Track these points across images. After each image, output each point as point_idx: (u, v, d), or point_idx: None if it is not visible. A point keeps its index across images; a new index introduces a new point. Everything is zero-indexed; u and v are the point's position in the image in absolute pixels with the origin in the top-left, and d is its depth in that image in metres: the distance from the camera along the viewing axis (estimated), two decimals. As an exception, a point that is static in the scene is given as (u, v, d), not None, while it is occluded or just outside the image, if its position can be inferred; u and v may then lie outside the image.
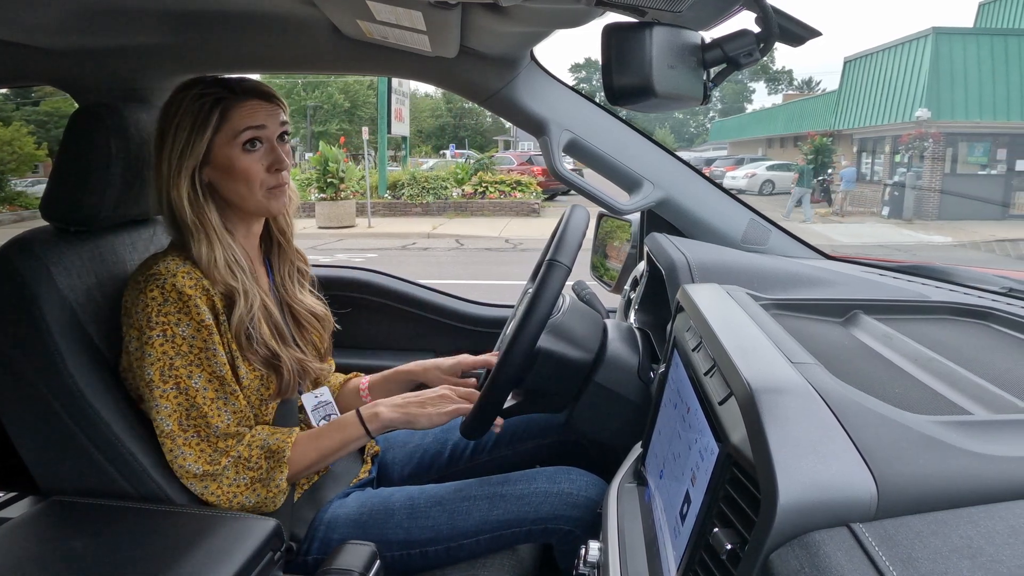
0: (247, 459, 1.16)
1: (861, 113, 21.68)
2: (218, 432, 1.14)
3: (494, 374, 1.14)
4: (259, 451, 1.17)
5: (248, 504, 1.17)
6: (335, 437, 1.24)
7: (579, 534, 1.22)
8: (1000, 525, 0.52)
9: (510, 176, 16.46)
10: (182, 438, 1.13)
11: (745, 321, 0.85)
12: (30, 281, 1.12)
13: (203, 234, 1.18)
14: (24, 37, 1.38)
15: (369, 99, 35.79)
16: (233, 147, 1.18)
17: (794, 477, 0.55)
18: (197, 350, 1.13)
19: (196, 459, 1.14)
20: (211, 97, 1.17)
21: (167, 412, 1.12)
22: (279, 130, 1.22)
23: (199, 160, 1.18)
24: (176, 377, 1.12)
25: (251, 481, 1.16)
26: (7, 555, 1.04)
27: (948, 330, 0.99)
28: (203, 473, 1.14)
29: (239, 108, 1.18)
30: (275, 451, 1.18)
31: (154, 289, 1.12)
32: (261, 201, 1.22)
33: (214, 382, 1.15)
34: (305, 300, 1.39)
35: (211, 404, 1.14)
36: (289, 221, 1.37)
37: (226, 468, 1.15)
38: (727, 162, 30.11)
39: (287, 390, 1.25)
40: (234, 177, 1.19)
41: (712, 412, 0.72)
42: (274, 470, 1.18)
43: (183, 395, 1.13)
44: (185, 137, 1.17)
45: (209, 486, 1.15)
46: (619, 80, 0.96)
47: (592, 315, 1.35)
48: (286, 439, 1.20)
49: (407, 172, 16.31)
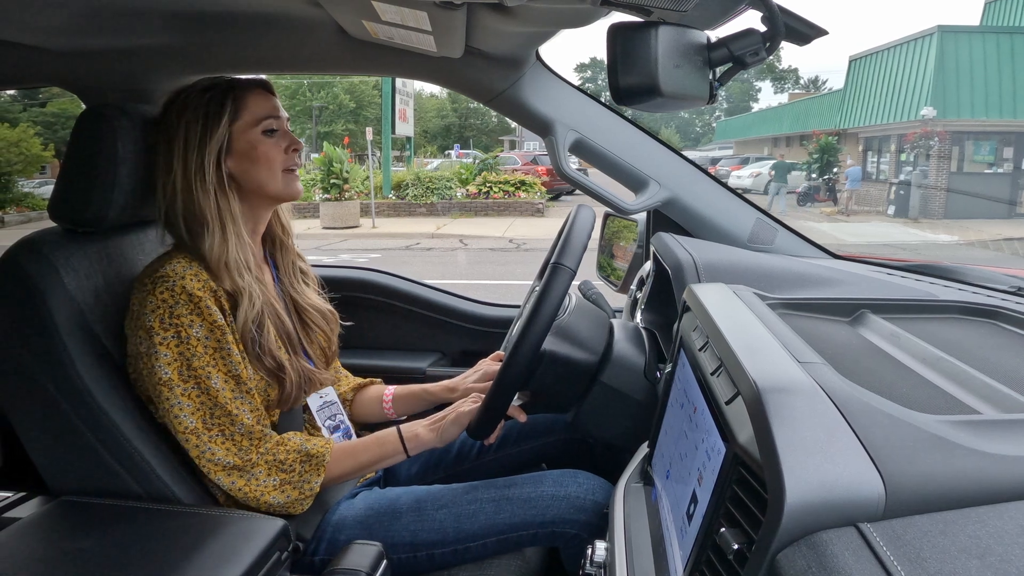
0: (282, 462, 1.17)
1: (866, 112, 21.61)
2: (242, 430, 1.15)
3: (500, 375, 1.14)
4: (296, 455, 1.18)
5: (275, 504, 1.17)
6: (373, 452, 1.25)
7: (586, 537, 1.22)
8: (1009, 525, 0.51)
9: (514, 176, 16.45)
10: (207, 435, 1.13)
11: (752, 321, 0.85)
12: (38, 282, 1.13)
13: (219, 227, 1.18)
14: (31, 38, 1.38)
15: (374, 99, 35.79)
16: (254, 132, 1.21)
17: (801, 477, 0.55)
18: (212, 350, 1.14)
19: (225, 453, 1.14)
20: (219, 88, 1.20)
21: (191, 410, 1.13)
22: (285, 119, 1.27)
23: (221, 148, 1.20)
24: (196, 377, 1.13)
25: (281, 483, 1.17)
26: (17, 555, 1.05)
27: (956, 329, 0.99)
28: (233, 466, 1.14)
29: (251, 95, 1.22)
30: (313, 455, 1.19)
31: (164, 291, 1.12)
32: (281, 183, 1.25)
33: (230, 382, 1.15)
34: (311, 298, 1.39)
35: (232, 403, 1.15)
36: (285, 220, 1.39)
37: (256, 466, 1.15)
38: (732, 161, 30.05)
39: (288, 401, 1.25)
40: (256, 162, 1.22)
41: (719, 412, 0.72)
42: (309, 473, 1.18)
43: (205, 394, 1.13)
44: (200, 130, 1.18)
45: (237, 481, 1.15)
46: (625, 80, 0.96)
47: (598, 315, 1.35)
48: (326, 445, 1.21)
49: (411, 172, 16.32)
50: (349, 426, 1.42)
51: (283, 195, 1.27)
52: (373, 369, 1.60)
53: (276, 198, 1.28)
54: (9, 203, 17.43)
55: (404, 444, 1.25)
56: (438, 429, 1.26)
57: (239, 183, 1.23)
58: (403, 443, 1.25)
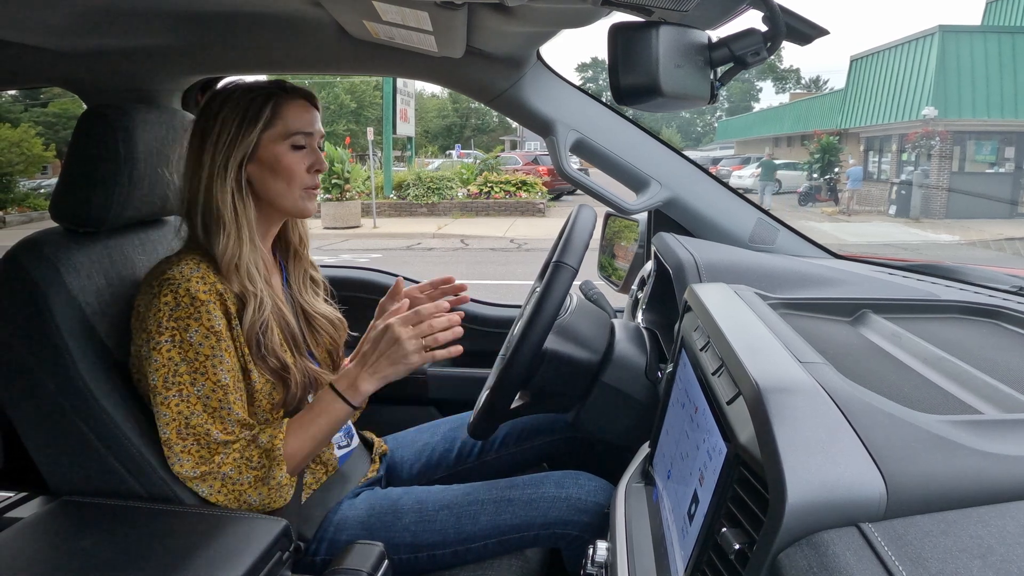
0: (248, 459, 1.15)
1: (868, 112, 21.61)
2: (217, 440, 1.13)
3: (501, 375, 1.14)
4: (258, 451, 1.16)
5: (255, 503, 1.16)
6: (322, 422, 1.20)
7: (587, 539, 1.22)
8: (1011, 525, 0.51)
9: (515, 176, 16.46)
10: (180, 446, 1.12)
11: (753, 320, 0.85)
12: (39, 282, 1.13)
13: (235, 229, 1.18)
14: (33, 39, 1.39)
15: (375, 100, 35.80)
16: (282, 145, 1.20)
17: (803, 477, 0.55)
18: (203, 357, 1.12)
19: (193, 465, 1.13)
20: (263, 92, 1.19)
21: (166, 420, 1.12)
22: (320, 136, 1.26)
23: (247, 153, 1.19)
24: (179, 384, 1.12)
25: (255, 480, 1.16)
26: (18, 555, 1.05)
27: (958, 329, 0.99)
28: (200, 474, 1.13)
29: (291, 106, 1.21)
30: (268, 449, 1.16)
31: (168, 294, 1.11)
32: (297, 201, 1.24)
33: (218, 391, 1.13)
34: (320, 307, 1.39)
35: (213, 412, 1.13)
36: (303, 229, 1.38)
37: (224, 466, 1.14)
38: (733, 161, 30.09)
39: (293, 402, 1.24)
40: (277, 174, 1.21)
41: (720, 412, 0.72)
42: (272, 467, 1.16)
43: (184, 403, 1.12)
44: (233, 130, 1.18)
45: (213, 485, 1.14)
46: (626, 80, 0.96)
47: (599, 315, 1.35)
48: (276, 434, 1.18)
49: (412, 172, 16.33)
50: (350, 426, 1.42)
51: (295, 212, 1.26)
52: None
53: (288, 213, 1.27)
54: (10, 203, 17.45)
55: (344, 397, 1.20)
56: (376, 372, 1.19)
57: (256, 190, 1.23)
58: (344, 399, 1.20)
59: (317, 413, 1.21)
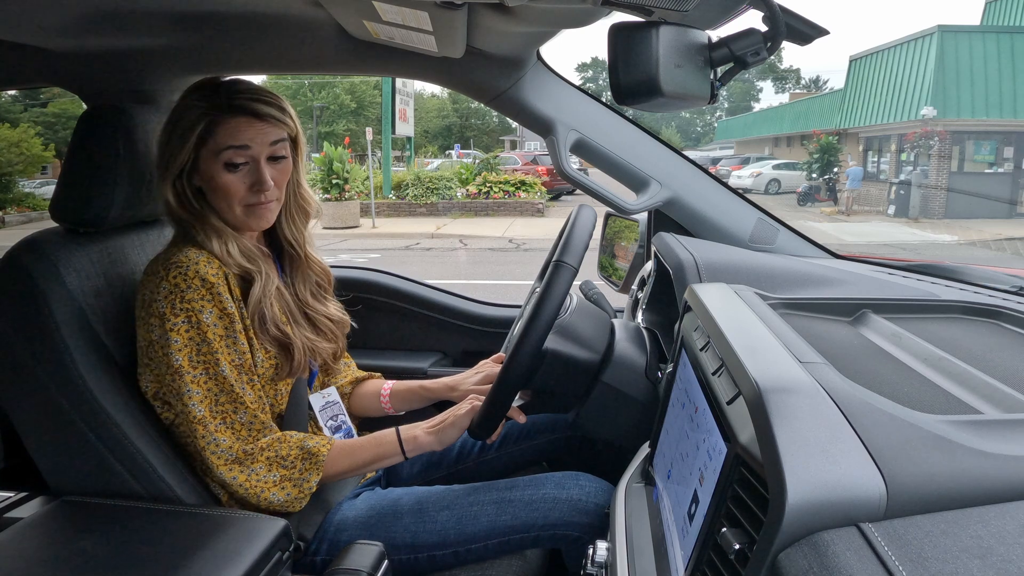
0: (283, 457, 1.17)
1: (867, 112, 21.61)
2: (245, 418, 1.16)
3: (501, 375, 1.14)
4: (297, 451, 1.18)
5: (275, 501, 1.17)
6: (371, 452, 1.25)
7: (588, 540, 1.22)
8: (1011, 524, 0.51)
9: (515, 176, 16.45)
10: (213, 424, 1.14)
11: (753, 320, 0.85)
12: (39, 282, 1.13)
13: (209, 229, 1.19)
14: (32, 39, 1.39)
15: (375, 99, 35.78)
16: (215, 163, 1.17)
17: (803, 477, 0.55)
18: (219, 337, 1.15)
19: (231, 444, 1.15)
20: (199, 109, 1.16)
21: (199, 398, 1.13)
22: (267, 151, 1.19)
23: (183, 168, 1.18)
24: (205, 363, 1.14)
25: (281, 479, 1.17)
26: (18, 555, 1.05)
27: (958, 329, 0.99)
28: (235, 458, 1.15)
29: (224, 125, 1.16)
30: (313, 453, 1.19)
31: (177, 276, 1.12)
32: (240, 217, 1.22)
33: (235, 371, 1.16)
34: (321, 308, 1.38)
35: (237, 389, 1.16)
36: (297, 232, 1.34)
37: (256, 460, 1.16)
38: (733, 161, 30.08)
39: (298, 369, 1.26)
40: (214, 191, 1.20)
41: (720, 412, 0.72)
42: (308, 471, 1.19)
43: (212, 380, 1.14)
44: (172, 144, 1.18)
45: (238, 477, 1.15)
46: (626, 79, 0.96)
47: (599, 315, 1.35)
48: (325, 443, 1.21)
49: (412, 172, 16.32)
50: (351, 426, 1.42)
51: (241, 227, 1.24)
52: (374, 369, 1.60)
53: (235, 228, 1.24)
54: (10, 203, 17.44)
55: (402, 446, 1.25)
56: (437, 432, 1.25)
57: (208, 200, 1.22)
58: (401, 445, 1.25)
59: (369, 443, 1.26)
